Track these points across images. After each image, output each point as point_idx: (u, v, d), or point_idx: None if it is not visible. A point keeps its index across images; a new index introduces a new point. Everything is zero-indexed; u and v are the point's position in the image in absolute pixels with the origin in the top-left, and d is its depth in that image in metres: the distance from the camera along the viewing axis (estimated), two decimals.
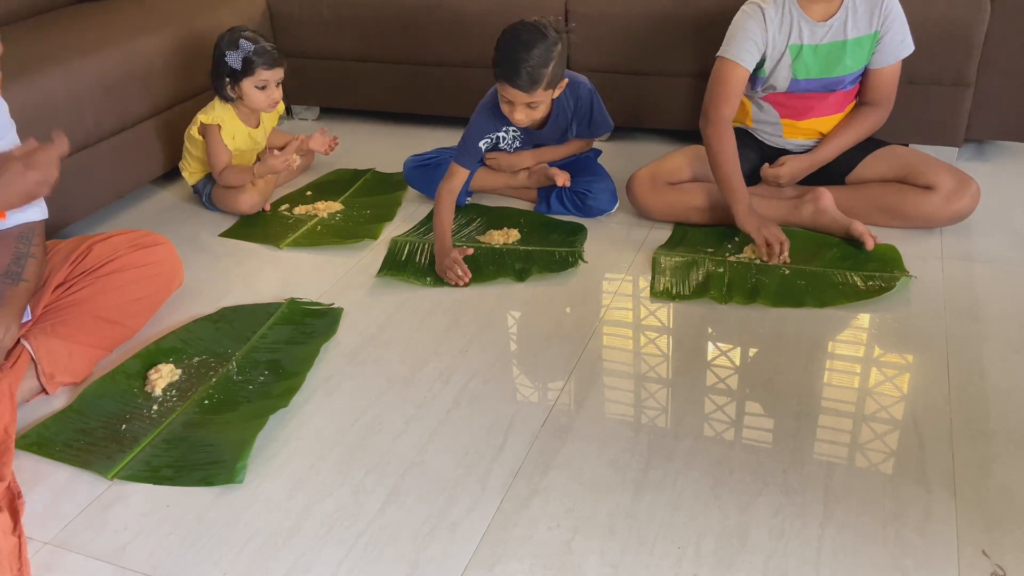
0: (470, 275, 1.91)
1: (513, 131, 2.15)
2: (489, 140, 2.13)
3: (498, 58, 1.90)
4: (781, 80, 2.00)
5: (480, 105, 2.11)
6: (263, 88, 2.23)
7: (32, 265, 1.55)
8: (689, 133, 2.50)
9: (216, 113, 2.27)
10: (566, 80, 2.00)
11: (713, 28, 2.27)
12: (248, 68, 2.19)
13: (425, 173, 2.28)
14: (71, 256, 1.71)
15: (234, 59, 2.19)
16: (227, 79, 2.23)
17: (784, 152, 2.11)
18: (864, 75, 2.00)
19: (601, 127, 2.18)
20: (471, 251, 1.99)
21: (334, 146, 2.46)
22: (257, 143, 2.39)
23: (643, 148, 2.59)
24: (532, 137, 2.18)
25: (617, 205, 2.18)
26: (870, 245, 1.89)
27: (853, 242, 1.93)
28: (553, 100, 2.06)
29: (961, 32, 2.15)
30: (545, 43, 1.86)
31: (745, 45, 1.95)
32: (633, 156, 2.49)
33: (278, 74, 2.25)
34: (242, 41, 2.19)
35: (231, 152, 2.29)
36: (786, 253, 1.88)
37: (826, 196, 1.97)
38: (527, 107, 1.95)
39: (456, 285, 1.91)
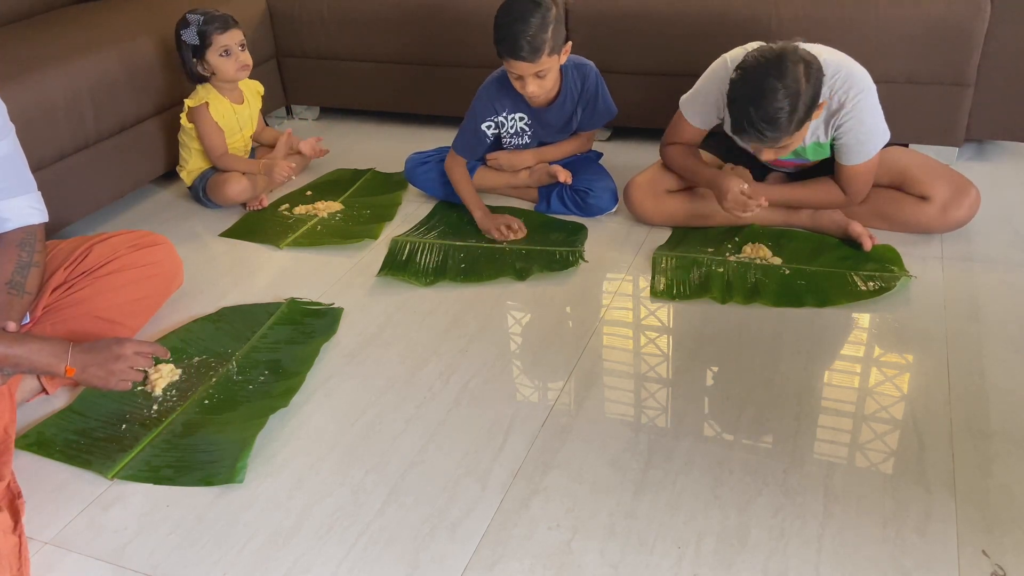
0: (524, 227, 2.08)
1: (518, 116, 2.16)
2: (492, 124, 2.15)
3: (497, 36, 1.92)
4: (744, 145, 1.97)
5: (478, 92, 2.14)
6: (228, 54, 2.25)
7: (34, 276, 1.55)
8: None
9: (200, 95, 2.30)
10: (570, 44, 2.02)
11: (716, 27, 2.27)
12: (205, 38, 2.22)
13: (427, 171, 2.29)
14: (71, 257, 1.71)
15: (190, 35, 2.22)
16: (194, 59, 2.26)
17: (773, 169, 2.09)
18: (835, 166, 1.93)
19: (605, 114, 2.19)
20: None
21: (320, 154, 2.54)
22: (245, 122, 2.40)
23: (647, 148, 2.58)
24: (538, 119, 2.17)
25: (618, 204, 2.18)
26: (868, 246, 1.88)
27: (852, 243, 1.92)
28: (562, 80, 2.09)
29: (961, 32, 2.15)
30: (540, 10, 1.89)
31: (699, 109, 1.97)
32: (635, 156, 2.49)
33: (236, 36, 2.26)
34: (190, 16, 2.23)
35: (223, 131, 2.31)
36: (757, 201, 1.85)
37: None
38: (537, 78, 1.97)
39: (513, 240, 2.05)
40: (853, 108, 1.77)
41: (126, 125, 2.29)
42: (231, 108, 2.34)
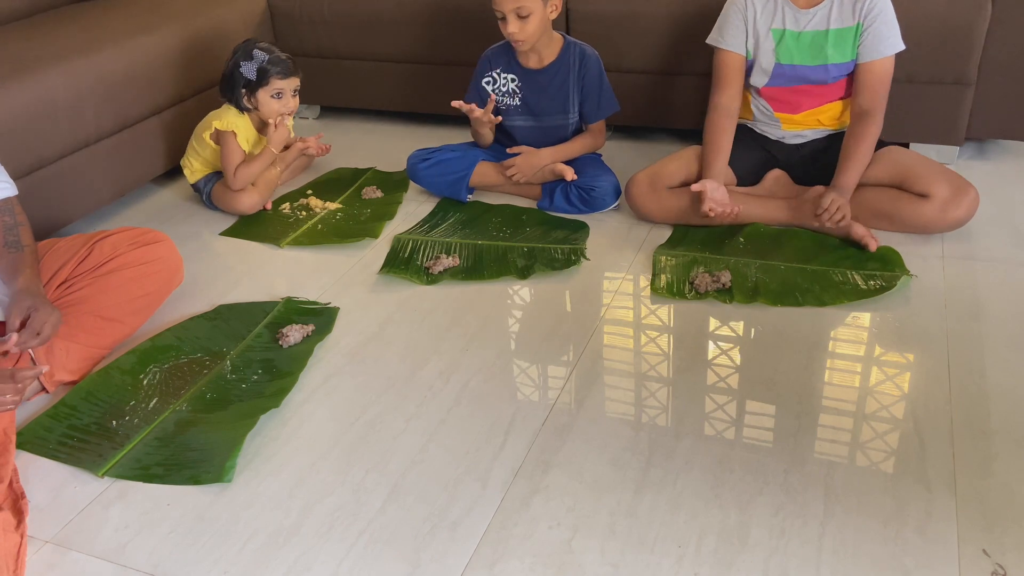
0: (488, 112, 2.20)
1: (510, 77, 2.24)
2: (489, 79, 2.26)
3: None
4: (765, 63, 2.04)
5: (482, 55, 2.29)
6: (279, 97, 2.26)
7: (25, 232, 1.60)
8: (696, 132, 2.49)
9: (231, 119, 2.28)
10: (560, 0, 2.13)
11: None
12: (263, 78, 2.23)
13: (429, 169, 2.29)
14: (74, 255, 1.71)
15: (248, 69, 2.22)
16: (243, 89, 2.25)
17: (782, 144, 2.11)
18: (855, 71, 1.99)
19: (608, 106, 2.24)
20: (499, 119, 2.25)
21: (323, 151, 2.50)
22: (259, 146, 2.39)
23: (647, 148, 2.58)
24: (528, 82, 2.22)
25: (620, 199, 2.19)
26: (873, 247, 1.87)
27: (854, 244, 1.92)
28: (560, 51, 2.20)
29: (962, 31, 2.14)
30: None
31: (728, 30, 2.05)
32: (635, 156, 2.49)
33: (293, 83, 2.28)
34: (256, 52, 2.23)
35: (244, 154, 2.30)
36: (732, 218, 1.95)
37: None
38: (518, 18, 2.05)
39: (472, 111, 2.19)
40: None
41: (127, 124, 2.29)
42: (257, 139, 2.33)
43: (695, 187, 1.94)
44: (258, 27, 2.75)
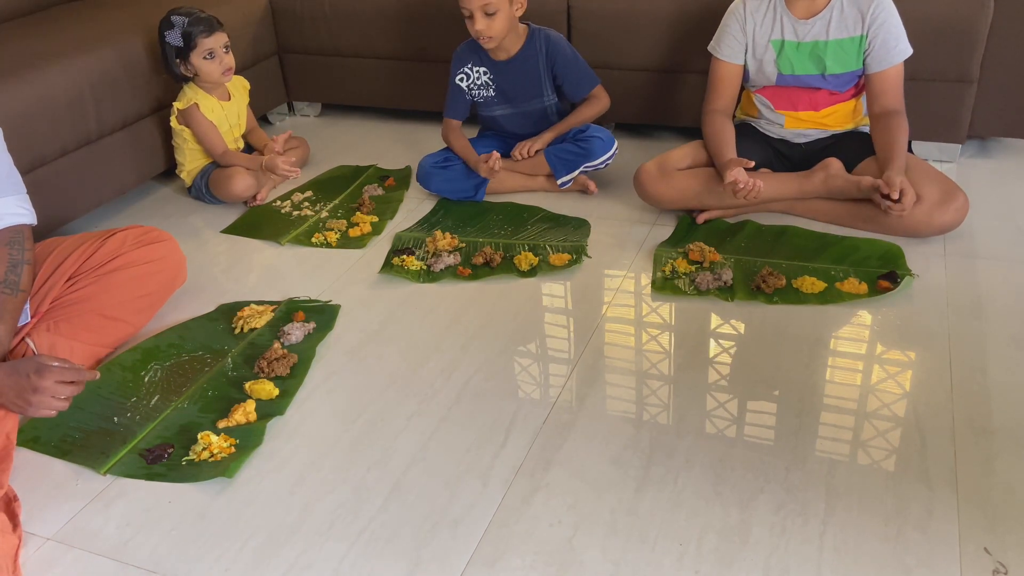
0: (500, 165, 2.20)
1: (482, 70, 2.27)
2: (463, 76, 2.30)
3: None
4: (769, 74, 2.04)
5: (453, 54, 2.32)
6: (212, 57, 2.25)
7: (27, 273, 1.54)
8: (699, 131, 2.49)
9: (187, 96, 2.29)
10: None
11: (716, 25, 2.26)
12: (189, 41, 2.21)
13: (444, 176, 2.29)
14: (84, 250, 1.70)
15: (174, 37, 2.21)
16: (176, 60, 2.25)
17: (786, 142, 2.11)
18: (868, 82, 1.99)
19: (588, 80, 2.26)
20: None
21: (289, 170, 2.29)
22: (234, 119, 2.40)
23: (648, 145, 2.58)
24: (499, 72, 2.26)
25: (616, 147, 2.23)
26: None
27: (854, 241, 1.92)
28: (526, 39, 2.22)
29: (964, 28, 2.14)
30: None
31: (726, 41, 2.06)
32: (643, 153, 2.49)
33: (220, 39, 2.26)
34: (175, 17, 2.22)
35: (217, 128, 2.31)
36: (756, 192, 1.89)
37: (835, 162, 1.98)
38: (485, 16, 2.09)
39: (491, 172, 2.19)
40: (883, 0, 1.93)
41: (128, 121, 2.29)
42: (219, 105, 2.34)
43: (731, 175, 1.89)
44: (259, 23, 2.75)
